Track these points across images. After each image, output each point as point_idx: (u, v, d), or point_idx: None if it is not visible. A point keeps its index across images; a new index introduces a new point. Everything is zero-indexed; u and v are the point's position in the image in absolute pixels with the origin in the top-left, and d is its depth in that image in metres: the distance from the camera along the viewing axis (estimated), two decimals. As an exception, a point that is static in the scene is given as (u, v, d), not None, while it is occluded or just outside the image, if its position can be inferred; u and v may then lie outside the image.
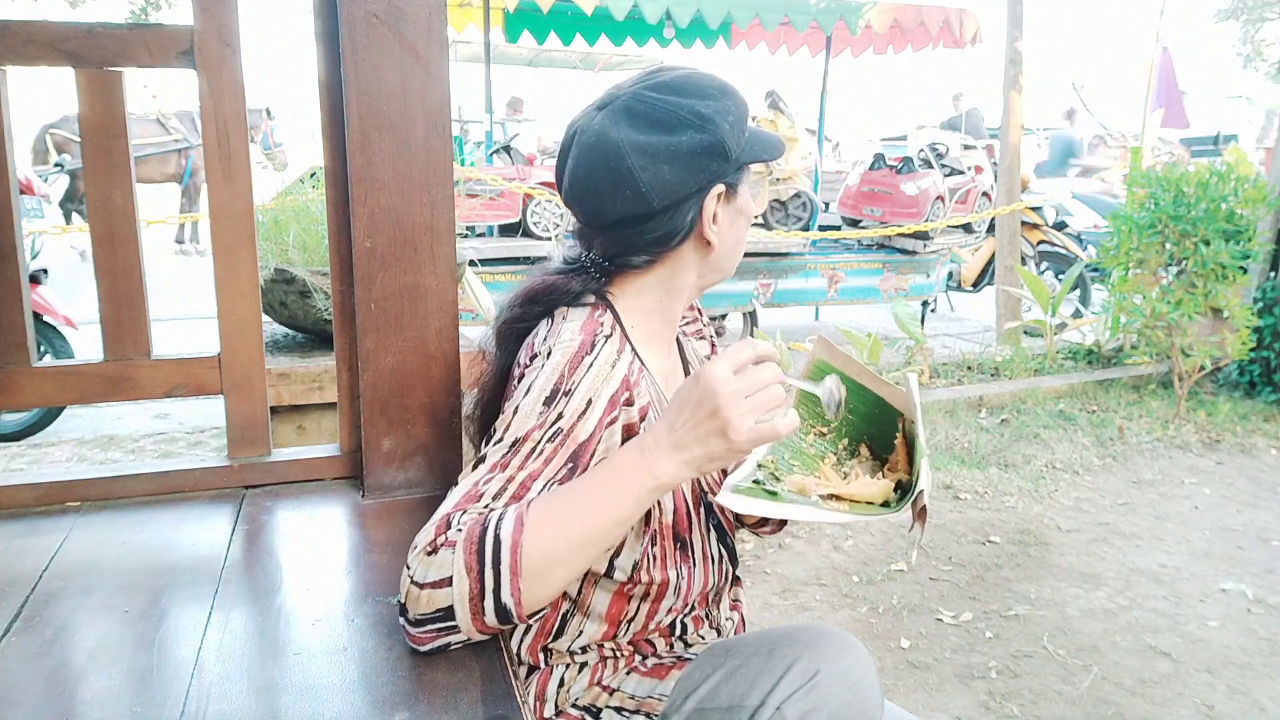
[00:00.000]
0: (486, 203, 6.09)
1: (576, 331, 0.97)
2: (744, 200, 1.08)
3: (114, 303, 1.26)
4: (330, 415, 2.64)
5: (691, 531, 1.08)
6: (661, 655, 1.12)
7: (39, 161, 8.32)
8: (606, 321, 1.01)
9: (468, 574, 0.82)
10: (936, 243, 7.23)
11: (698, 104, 0.99)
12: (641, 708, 1.07)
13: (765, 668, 0.91)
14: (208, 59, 1.20)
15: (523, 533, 0.83)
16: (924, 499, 0.93)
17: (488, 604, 0.83)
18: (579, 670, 1.08)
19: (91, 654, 0.87)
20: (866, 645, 2.45)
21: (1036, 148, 12.67)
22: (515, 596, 0.83)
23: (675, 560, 1.06)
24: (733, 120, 1.01)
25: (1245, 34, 19.51)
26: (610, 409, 0.95)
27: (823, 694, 0.89)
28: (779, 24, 6.64)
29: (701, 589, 1.10)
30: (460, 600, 0.82)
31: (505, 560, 0.82)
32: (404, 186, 1.18)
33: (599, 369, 0.95)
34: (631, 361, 1.00)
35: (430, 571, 0.83)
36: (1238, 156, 4.88)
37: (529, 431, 0.91)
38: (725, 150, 1.00)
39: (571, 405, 0.92)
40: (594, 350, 0.96)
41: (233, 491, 1.29)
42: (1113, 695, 2.15)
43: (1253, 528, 3.15)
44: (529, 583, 0.83)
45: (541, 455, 0.91)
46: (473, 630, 0.85)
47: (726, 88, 1.03)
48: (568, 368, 0.94)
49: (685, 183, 0.99)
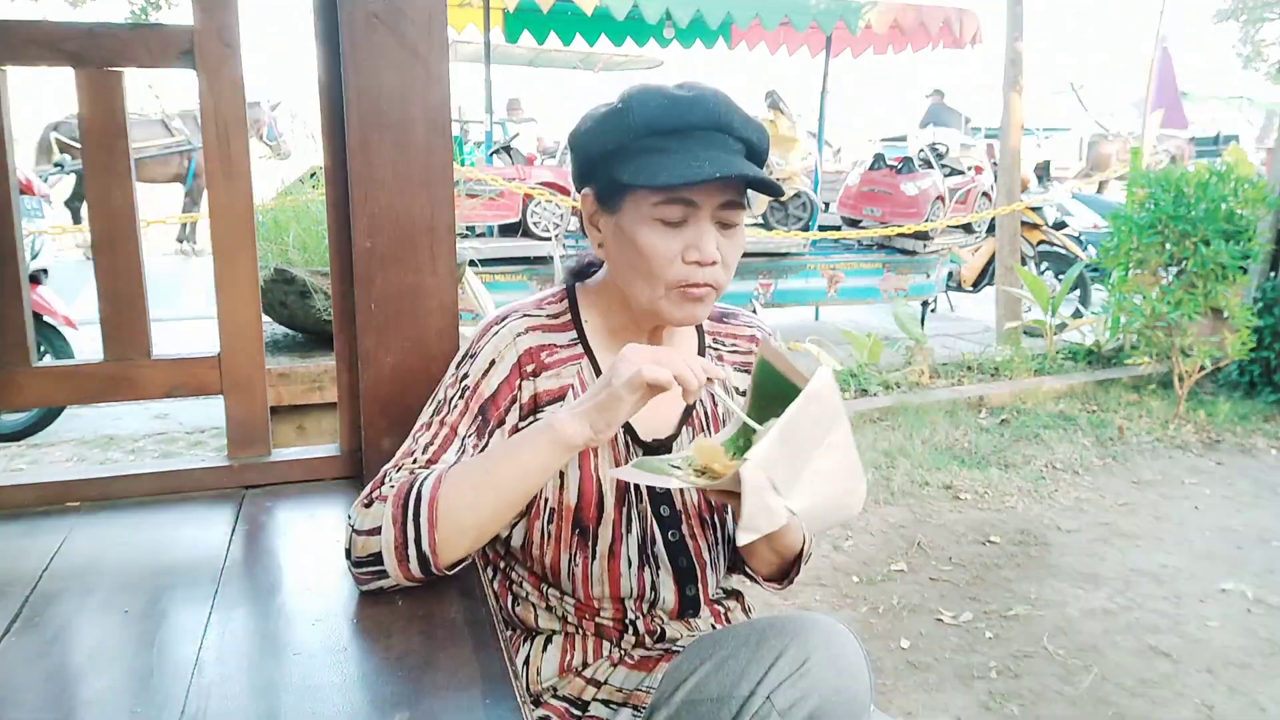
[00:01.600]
0: (486, 203, 6.09)
1: (507, 308, 1.10)
2: (629, 225, 1.01)
3: (114, 303, 1.26)
4: (330, 415, 2.64)
5: (599, 524, 1.06)
6: (649, 647, 1.12)
7: (45, 161, 8.33)
8: (553, 308, 1.10)
9: (393, 525, 0.93)
10: (936, 243, 7.23)
11: (625, 99, 1.01)
12: (629, 700, 1.07)
13: (754, 658, 0.91)
14: (208, 59, 1.20)
15: (439, 488, 0.94)
16: (753, 472, 0.83)
17: (410, 552, 0.93)
18: (544, 646, 1.10)
19: (91, 654, 0.87)
20: (866, 645, 2.45)
21: (1036, 148, 12.67)
22: (432, 546, 0.93)
23: (571, 546, 1.06)
24: (624, 127, 0.99)
25: (1245, 34, 19.52)
26: (515, 374, 1.04)
27: (812, 682, 0.89)
28: (779, 24, 6.63)
29: (610, 591, 1.08)
30: (386, 548, 0.93)
31: (424, 513, 0.93)
32: (404, 186, 1.18)
33: (503, 336, 1.05)
34: (554, 343, 1.07)
35: (365, 521, 0.95)
36: (1238, 156, 4.88)
37: (445, 392, 1.05)
38: (589, 155, 1.04)
39: (476, 365, 1.05)
40: (502, 322, 1.07)
41: (233, 491, 1.29)
42: (1113, 695, 2.15)
43: (1253, 528, 3.15)
44: (444, 533, 0.93)
45: (456, 410, 1.03)
46: (400, 575, 0.95)
47: (681, 98, 0.99)
48: (477, 335, 1.07)
49: (577, 164, 1.07)
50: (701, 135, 0.99)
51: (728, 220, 1.02)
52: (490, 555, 1.15)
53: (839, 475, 0.91)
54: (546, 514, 1.06)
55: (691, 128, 0.99)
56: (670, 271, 1.00)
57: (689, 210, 0.99)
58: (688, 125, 0.99)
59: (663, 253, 0.99)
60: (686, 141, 0.98)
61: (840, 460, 0.90)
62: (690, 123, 0.99)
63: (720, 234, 1.02)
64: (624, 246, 1.02)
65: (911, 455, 3.69)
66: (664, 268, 1.00)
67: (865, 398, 4.36)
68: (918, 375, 4.64)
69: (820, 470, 0.89)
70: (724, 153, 0.99)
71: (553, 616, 1.11)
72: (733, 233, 1.03)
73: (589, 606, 1.10)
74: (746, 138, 1.02)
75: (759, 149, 1.04)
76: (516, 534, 1.09)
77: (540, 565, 1.08)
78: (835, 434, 0.89)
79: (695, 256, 0.99)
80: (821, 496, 0.90)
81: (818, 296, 6.97)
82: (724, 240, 1.02)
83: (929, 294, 7.37)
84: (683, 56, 8.21)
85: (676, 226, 1.00)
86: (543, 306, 1.10)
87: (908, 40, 7.06)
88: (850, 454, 0.91)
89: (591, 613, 1.10)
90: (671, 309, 1.02)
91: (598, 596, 1.08)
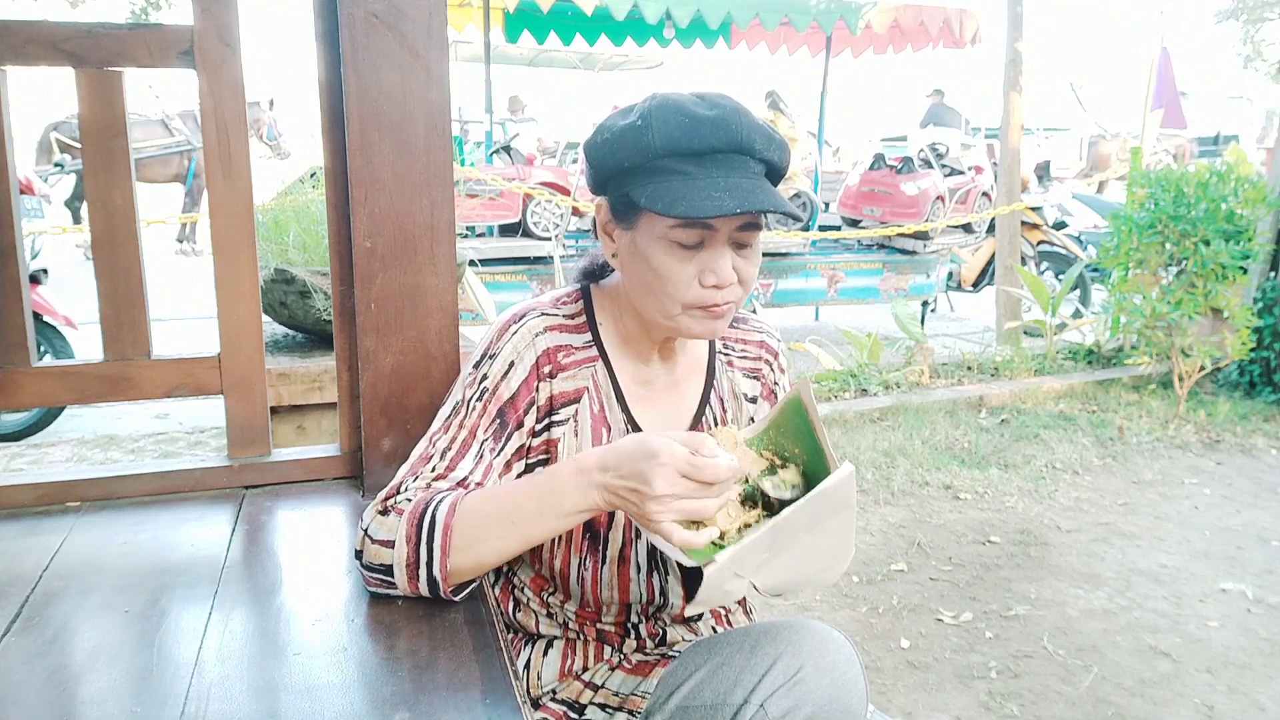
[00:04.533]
0: (486, 203, 6.10)
1: (524, 305, 1.07)
2: (643, 243, 0.99)
3: (114, 303, 1.26)
4: (330, 415, 2.64)
5: (610, 529, 1.07)
6: (647, 652, 1.12)
7: (45, 161, 8.33)
8: (569, 308, 1.08)
9: (406, 544, 0.93)
10: (936, 243, 7.23)
11: (645, 116, 0.97)
12: (625, 705, 1.07)
13: (748, 665, 0.91)
14: (208, 59, 1.20)
15: (454, 516, 0.93)
16: (719, 571, 0.82)
17: (421, 573, 0.94)
18: (545, 651, 1.10)
19: (91, 654, 0.87)
20: (866, 645, 2.44)
21: (1036, 148, 12.66)
22: (443, 573, 0.93)
23: (581, 550, 1.06)
24: (643, 147, 0.96)
25: (1245, 34, 19.51)
26: (533, 376, 1.03)
27: (806, 690, 0.89)
28: (779, 24, 6.64)
29: (619, 596, 1.08)
30: (398, 564, 0.94)
31: (438, 539, 0.92)
32: (404, 186, 1.18)
33: (522, 336, 1.04)
34: (570, 344, 1.05)
35: (380, 530, 0.95)
36: (1238, 156, 4.88)
37: (464, 393, 1.03)
38: (605, 168, 1.01)
39: (495, 367, 1.03)
40: (521, 321, 1.05)
41: (233, 491, 1.29)
42: (1113, 695, 2.15)
43: (1253, 528, 3.15)
44: (455, 562, 0.93)
45: (474, 413, 1.02)
46: (408, 589, 0.95)
47: (703, 119, 0.95)
48: (495, 335, 1.05)
49: (593, 175, 1.04)
50: (723, 159, 0.96)
51: (744, 240, 0.99)
52: None
53: (820, 555, 0.89)
54: None
55: (713, 151, 0.95)
56: (686, 293, 0.98)
57: (706, 233, 0.97)
58: (709, 149, 0.95)
59: (678, 275, 0.97)
60: (706, 166, 0.95)
61: (829, 543, 0.89)
62: (711, 146, 0.95)
63: (736, 254, 0.99)
64: (638, 263, 1.00)
65: (911, 455, 3.69)
66: (679, 290, 0.98)
67: (865, 398, 4.36)
68: (918, 375, 4.64)
69: (802, 552, 0.88)
70: (745, 178, 0.96)
71: (554, 623, 1.11)
72: (749, 251, 1.01)
73: (592, 612, 1.10)
74: (768, 158, 0.98)
75: (779, 168, 1.01)
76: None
77: (549, 568, 1.08)
78: (833, 522, 0.88)
79: (712, 280, 0.97)
80: (796, 574, 0.89)
81: (818, 296, 6.97)
82: (740, 260, 1.00)
83: (929, 294, 7.37)
84: (683, 57, 8.20)
85: (692, 249, 0.97)
86: (560, 305, 1.08)
87: (908, 40, 7.07)
88: (844, 538, 0.89)
89: (593, 618, 1.10)
90: (691, 324, 1.01)
91: (606, 601, 1.08)
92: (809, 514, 0.85)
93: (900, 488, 3.39)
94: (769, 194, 0.96)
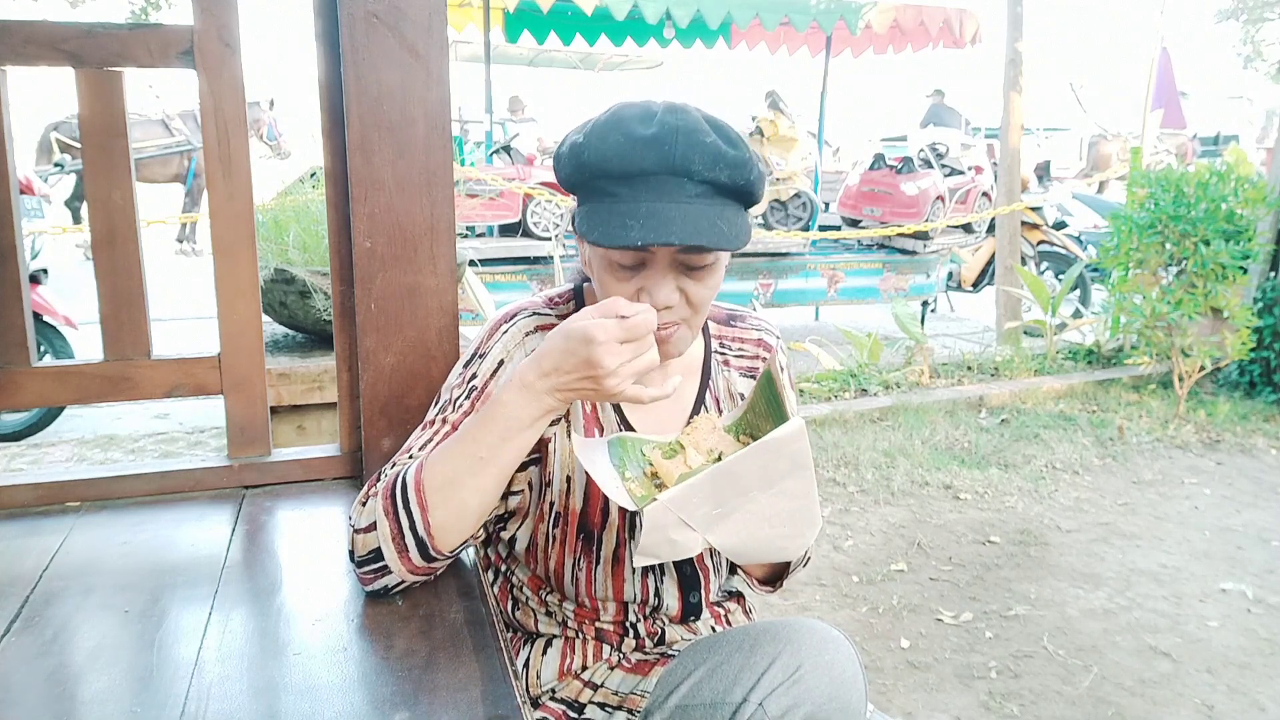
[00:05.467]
0: (486, 203, 6.10)
1: (516, 305, 1.08)
2: (592, 258, 0.99)
3: (114, 303, 1.26)
4: (330, 415, 2.64)
5: (604, 529, 1.06)
6: (646, 651, 1.12)
7: (45, 161, 8.33)
8: (562, 308, 1.08)
9: (386, 517, 0.93)
10: (936, 243, 7.23)
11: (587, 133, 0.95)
12: (624, 704, 1.07)
13: (747, 664, 0.91)
14: (208, 59, 1.20)
15: (423, 471, 0.93)
16: (659, 511, 0.83)
17: (408, 540, 0.92)
18: (544, 650, 1.10)
19: (91, 654, 0.87)
20: (866, 645, 2.44)
21: (1036, 148, 12.66)
22: (428, 529, 0.92)
23: (575, 551, 1.06)
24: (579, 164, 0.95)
25: (1245, 34, 19.51)
26: None
27: (805, 689, 0.89)
28: (779, 24, 6.64)
29: (614, 596, 1.08)
30: (384, 541, 0.93)
31: (413, 498, 0.92)
32: (404, 186, 1.18)
33: (512, 335, 1.04)
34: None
35: (362, 519, 0.95)
36: (1238, 156, 4.88)
37: (452, 393, 1.03)
38: (562, 181, 1.00)
39: (484, 366, 1.03)
40: (511, 320, 1.06)
41: (233, 491, 1.29)
42: (1113, 695, 2.15)
43: (1253, 528, 3.15)
44: (437, 514, 0.92)
45: (460, 410, 1.01)
46: (402, 568, 0.94)
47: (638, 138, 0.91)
48: (486, 334, 1.06)
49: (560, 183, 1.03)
50: (655, 181, 0.91)
51: (692, 263, 0.96)
52: (492, 558, 1.15)
53: (781, 519, 0.88)
54: (552, 517, 1.06)
55: (643, 173, 0.91)
56: None
57: (644, 255, 0.94)
58: (638, 171, 0.91)
59: (616, 295, 0.94)
60: (637, 188, 0.91)
61: (790, 506, 0.88)
62: (641, 168, 0.91)
63: (686, 276, 0.96)
64: (593, 274, 1.02)
65: (911, 455, 3.69)
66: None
67: (865, 398, 4.36)
68: (918, 375, 4.64)
69: (759, 512, 0.87)
70: (675, 202, 0.91)
71: (553, 621, 1.11)
72: (702, 274, 0.97)
73: (590, 611, 1.10)
74: (711, 179, 0.92)
75: (732, 186, 0.94)
76: (520, 537, 1.08)
77: (544, 569, 1.08)
78: (791, 482, 0.87)
79: (649, 301, 0.95)
80: (753, 537, 0.89)
81: (818, 296, 6.97)
82: (690, 282, 0.96)
83: (929, 294, 7.37)
84: (683, 57, 8.20)
85: (632, 269, 0.95)
86: (553, 305, 1.09)
87: (908, 40, 7.07)
88: (807, 504, 0.89)
89: (592, 617, 1.10)
90: None
91: (601, 600, 1.08)
92: (758, 465, 0.85)
93: (900, 488, 3.39)
94: (694, 223, 0.90)
